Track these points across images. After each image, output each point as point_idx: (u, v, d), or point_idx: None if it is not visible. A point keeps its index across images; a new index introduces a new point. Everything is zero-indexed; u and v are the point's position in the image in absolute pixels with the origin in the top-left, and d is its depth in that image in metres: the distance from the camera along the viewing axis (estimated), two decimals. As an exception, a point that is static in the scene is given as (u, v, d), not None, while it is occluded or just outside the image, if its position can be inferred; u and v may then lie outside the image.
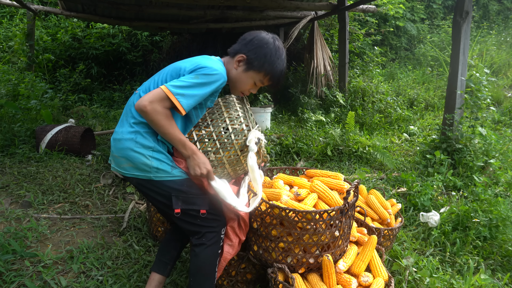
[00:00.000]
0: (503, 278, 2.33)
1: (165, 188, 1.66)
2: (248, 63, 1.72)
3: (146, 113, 1.54)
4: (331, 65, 6.86)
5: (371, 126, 5.81)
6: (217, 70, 1.61)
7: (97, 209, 3.21)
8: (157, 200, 1.72)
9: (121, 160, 1.67)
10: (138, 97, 1.66)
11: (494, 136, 3.85)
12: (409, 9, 10.10)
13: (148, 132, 1.64)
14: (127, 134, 1.64)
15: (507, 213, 2.75)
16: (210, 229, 1.72)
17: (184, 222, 1.72)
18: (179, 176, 1.68)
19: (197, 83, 1.58)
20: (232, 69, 1.76)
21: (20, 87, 5.85)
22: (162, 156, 1.65)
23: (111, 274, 2.28)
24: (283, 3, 5.71)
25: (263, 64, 1.71)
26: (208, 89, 1.61)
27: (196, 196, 1.69)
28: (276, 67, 1.74)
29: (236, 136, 1.76)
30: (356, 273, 1.87)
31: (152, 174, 1.63)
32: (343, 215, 1.78)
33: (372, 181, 3.77)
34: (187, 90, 1.56)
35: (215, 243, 1.74)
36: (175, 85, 1.56)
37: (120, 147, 1.65)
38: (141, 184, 1.69)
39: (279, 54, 1.74)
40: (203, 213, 1.69)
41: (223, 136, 1.76)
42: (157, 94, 1.54)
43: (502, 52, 8.41)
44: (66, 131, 4.48)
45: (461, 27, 3.83)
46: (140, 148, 1.62)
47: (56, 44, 8.19)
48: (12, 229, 2.65)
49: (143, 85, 1.74)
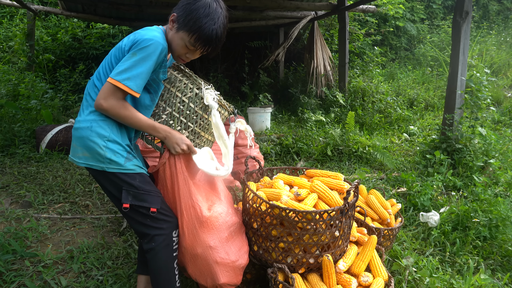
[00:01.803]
0: (503, 278, 2.33)
1: (117, 180, 1.60)
2: (177, 21, 1.62)
3: (105, 111, 1.54)
4: (331, 65, 6.87)
5: (371, 126, 5.82)
6: (152, 39, 1.52)
7: (97, 209, 3.21)
8: (110, 192, 1.66)
9: (77, 149, 1.62)
10: (92, 84, 1.65)
11: (494, 136, 3.86)
12: (409, 9, 10.11)
13: (104, 120, 1.59)
14: (83, 123, 1.60)
15: (507, 213, 2.75)
16: (159, 231, 1.65)
17: (133, 220, 1.66)
18: (131, 169, 1.62)
19: (136, 60, 1.52)
20: (169, 31, 1.66)
21: (20, 87, 5.86)
22: (116, 147, 1.60)
23: (111, 274, 2.28)
24: (283, 3, 5.72)
25: (188, 22, 1.58)
26: (150, 61, 1.53)
27: (148, 193, 1.63)
28: (208, 30, 1.59)
29: (194, 103, 1.75)
30: (356, 273, 1.88)
31: (105, 165, 1.58)
32: (343, 215, 1.78)
33: (372, 181, 3.77)
34: (130, 72, 1.51)
35: (166, 246, 1.67)
36: (118, 72, 1.52)
37: (77, 136, 1.61)
38: (95, 175, 1.65)
39: (215, 16, 1.60)
40: (153, 212, 1.62)
41: (184, 109, 1.74)
42: (107, 89, 1.52)
43: (502, 52, 8.41)
44: (66, 131, 4.48)
45: (461, 27, 3.83)
46: (95, 138, 1.57)
47: (56, 44, 8.19)
48: (12, 229, 2.65)
49: (96, 71, 1.71)
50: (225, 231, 1.76)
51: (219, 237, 1.73)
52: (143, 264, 1.90)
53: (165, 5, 6.01)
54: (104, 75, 1.63)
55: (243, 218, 2.04)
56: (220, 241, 1.74)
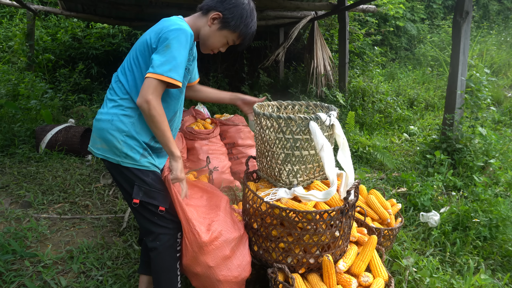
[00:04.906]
0: (503, 278, 2.33)
1: (130, 175, 1.63)
2: (223, 21, 1.67)
3: (150, 108, 1.50)
4: (331, 65, 6.86)
5: (371, 126, 5.81)
6: (180, 28, 1.54)
7: (97, 209, 3.20)
8: (122, 186, 1.69)
9: (97, 140, 1.65)
10: (116, 79, 1.67)
11: (494, 136, 3.85)
12: (409, 9, 10.10)
13: (126, 116, 1.62)
14: (106, 115, 1.63)
15: (507, 213, 2.75)
16: (165, 230, 1.68)
17: (141, 216, 1.68)
18: (146, 166, 1.65)
19: (172, 51, 1.52)
20: (204, 26, 1.70)
21: (20, 87, 5.85)
22: (134, 143, 1.62)
23: (111, 274, 2.28)
24: (283, 3, 5.71)
25: (239, 25, 1.68)
26: (185, 50, 1.56)
27: (159, 191, 1.66)
28: (250, 29, 1.73)
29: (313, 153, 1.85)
30: (356, 273, 1.87)
31: (120, 159, 1.61)
32: (343, 215, 1.78)
33: (372, 181, 3.76)
34: (170, 63, 1.51)
35: (170, 246, 1.69)
36: (158, 65, 1.50)
37: (98, 127, 1.65)
38: (110, 167, 1.68)
39: (254, 15, 1.74)
40: (162, 210, 1.65)
41: (316, 155, 1.86)
42: (151, 84, 1.50)
43: (502, 52, 8.41)
44: (66, 131, 4.48)
45: (461, 27, 3.82)
46: (114, 131, 1.60)
47: (56, 44, 8.19)
48: (12, 229, 2.65)
49: (120, 66, 1.72)
50: (226, 249, 1.74)
51: (220, 256, 1.71)
52: (146, 264, 1.90)
53: (165, 5, 6.00)
54: (129, 70, 1.64)
55: (243, 218, 2.03)
56: (222, 259, 1.72)
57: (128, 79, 1.64)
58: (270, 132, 1.85)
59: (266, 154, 1.92)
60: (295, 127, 1.78)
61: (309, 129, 1.76)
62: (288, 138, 1.80)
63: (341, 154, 1.85)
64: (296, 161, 1.83)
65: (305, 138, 1.80)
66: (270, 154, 1.89)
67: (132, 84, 1.63)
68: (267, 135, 1.87)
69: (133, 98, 1.62)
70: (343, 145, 1.86)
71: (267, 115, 1.83)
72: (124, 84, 1.64)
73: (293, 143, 1.80)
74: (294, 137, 1.79)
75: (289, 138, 1.80)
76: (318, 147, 1.73)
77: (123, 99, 1.64)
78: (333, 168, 1.74)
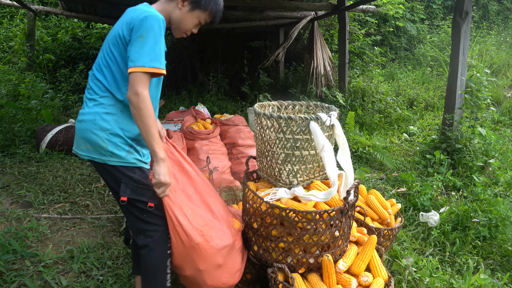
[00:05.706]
0: (503, 278, 2.33)
1: (117, 173, 1.60)
2: (194, 2, 1.67)
3: (139, 101, 1.47)
4: (331, 65, 6.87)
5: (371, 126, 5.82)
6: (151, 13, 1.52)
7: (98, 209, 3.21)
8: (110, 185, 1.67)
9: (80, 141, 1.62)
10: (93, 77, 1.64)
11: (493, 136, 3.86)
12: (409, 9, 10.11)
13: (108, 113, 1.59)
14: (87, 115, 1.60)
15: (506, 213, 2.76)
16: (155, 227, 1.65)
17: (130, 214, 1.65)
18: (132, 163, 1.62)
19: (149, 40, 1.50)
20: (175, 10, 1.69)
21: (21, 87, 5.86)
22: (118, 140, 1.59)
23: (111, 274, 2.29)
24: (283, 3, 5.72)
25: (209, 3, 1.70)
26: (160, 35, 1.54)
27: (147, 187, 1.62)
28: (219, 6, 1.75)
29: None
30: (356, 273, 1.88)
31: (106, 158, 1.58)
32: (343, 215, 1.78)
33: (372, 181, 3.77)
34: (150, 54, 1.49)
35: (162, 243, 1.66)
36: (137, 58, 1.48)
37: (81, 128, 1.61)
38: (97, 167, 1.65)
39: None
40: (151, 207, 1.61)
41: (316, 155, 1.90)
42: (137, 78, 1.47)
43: (501, 52, 8.41)
44: (66, 131, 4.49)
45: (461, 27, 3.83)
46: (98, 130, 1.57)
47: (56, 44, 8.20)
48: (12, 229, 2.66)
49: (95, 63, 1.69)
50: (217, 256, 1.72)
51: (210, 263, 1.71)
52: (138, 264, 1.87)
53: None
54: (106, 66, 1.61)
55: (243, 217, 2.04)
56: (212, 266, 1.72)
57: (105, 75, 1.60)
58: (270, 132, 1.86)
59: (266, 154, 1.93)
60: (295, 127, 1.78)
61: (310, 129, 1.77)
62: (288, 138, 1.80)
63: (341, 154, 1.85)
64: (296, 161, 1.84)
65: (305, 138, 1.81)
66: (270, 154, 1.90)
67: (110, 80, 1.59)
68: (268, 135, 1.87)
69: (114, 94, 1.59)
70: (343, 145, 1.87)
71: (268, 115, 1.83)
72: (102, 82, 1.61)
73: (293, 143, 1.81)
74: (295, 137, 1.80)
75: (290, 138, 1.80)
76: (319, 147, 1.73)
77: (103, 97, 1.60)
78: (334, 168, 1.75)
